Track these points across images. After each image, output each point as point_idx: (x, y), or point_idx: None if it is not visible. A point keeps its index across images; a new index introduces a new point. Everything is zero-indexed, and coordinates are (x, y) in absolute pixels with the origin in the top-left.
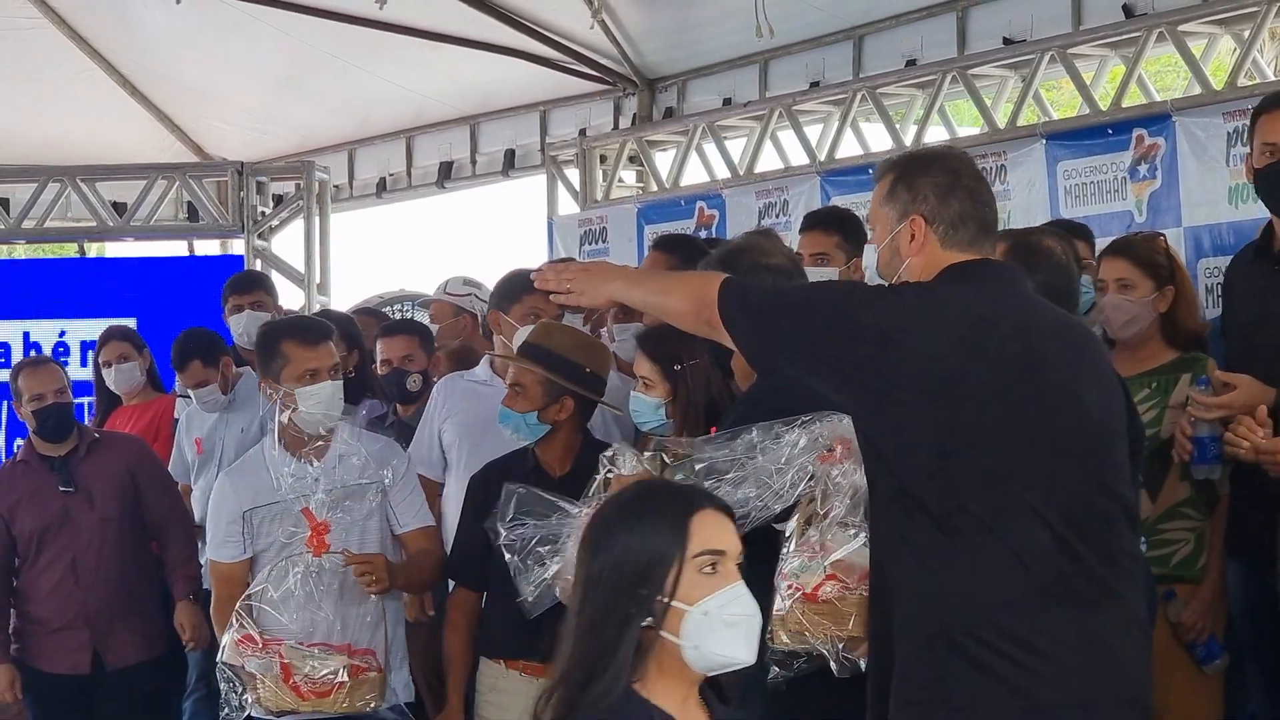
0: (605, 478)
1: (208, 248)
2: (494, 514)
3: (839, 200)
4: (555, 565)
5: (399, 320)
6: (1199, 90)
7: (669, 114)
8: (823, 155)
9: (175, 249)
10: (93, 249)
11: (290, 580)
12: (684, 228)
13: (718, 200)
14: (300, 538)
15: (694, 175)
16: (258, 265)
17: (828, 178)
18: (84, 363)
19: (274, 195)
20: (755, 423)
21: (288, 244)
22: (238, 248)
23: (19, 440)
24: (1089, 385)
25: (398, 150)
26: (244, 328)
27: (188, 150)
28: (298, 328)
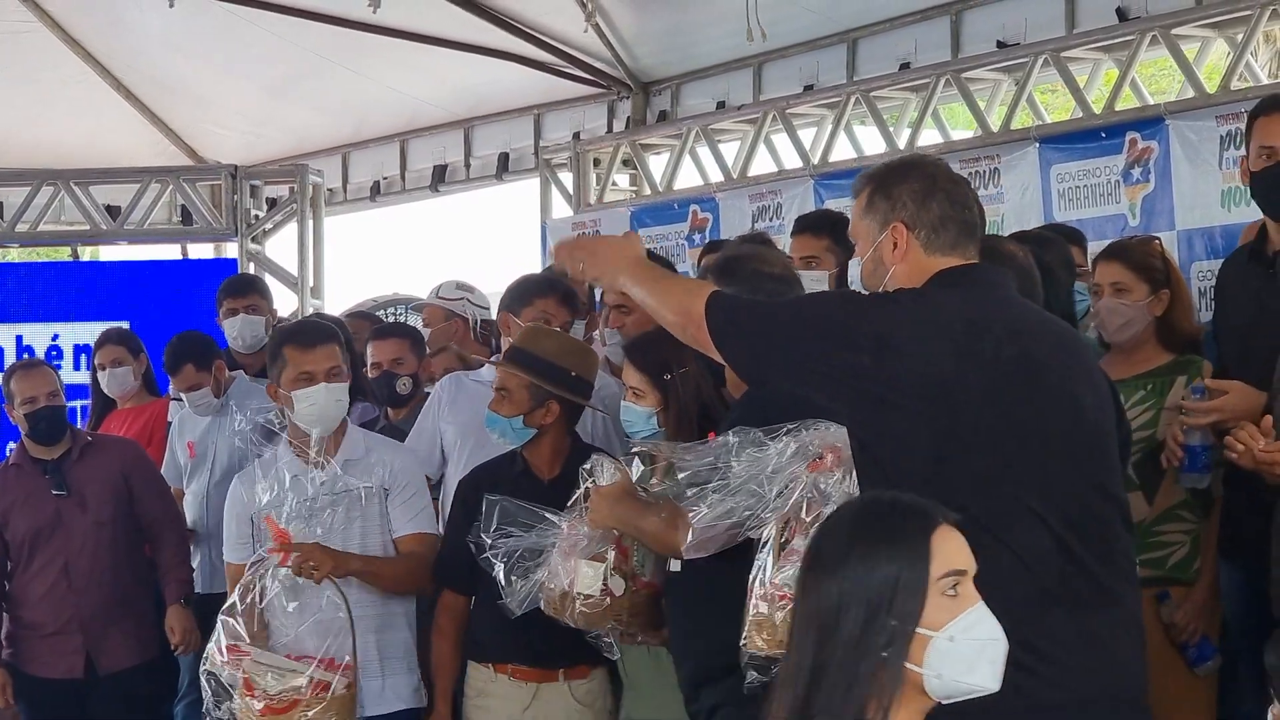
0: (586, 489)
1: (201, 251)
2: (476, 526)
3: (832, 203)
4: (540, 575)
5: (389, 324)
6: (1192, 94)
7: (663, 117)
8: (816, 158)
9: (169, 252)
10: (86, 252)
11: (272, 589)
12: (678, 231)
13: (711, 203)
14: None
15: (687, 178)
16: (251, 269)
17: (821, 181)
18: (77, 366)
19: (267, 199)
20: (751, 428)
21: (281, 247)
22: (231, 251)
23: (11, 444)
24: (1083, 387)
25: (391, 153)
26: (238, 331)
27: (181, 154)
28: (296, 332)
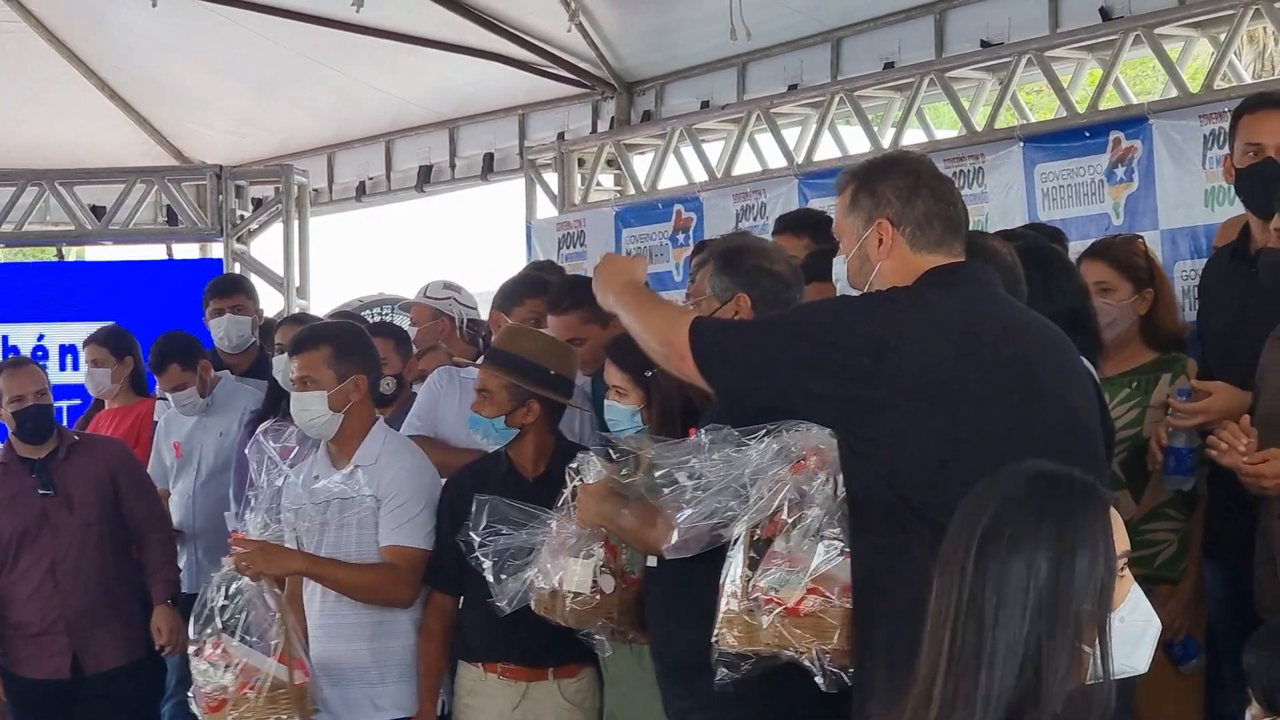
0: (574, 487)
1: (186, 251)
2: (466, 525)
3: (816, 203)
4: (530, 574)
5: (374, 323)
6: (1175, 93)
7: (647, 117)
8: (800, 158)
9: (154, 252)
10: (72, 252)
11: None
12: (662, 231)
13: (695, 203)
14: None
15: (672, 178)
16: (236, 269)
17: (805, 180)
18: (63, 366)
19: (253, 199)
20: (731, 423)
21: (267, 247)
22: (216, 251)
23: None
24: (1072, 386)
25: (377, 154)
26: (224, 331)
27: (166, 154)
28: (293, 337)
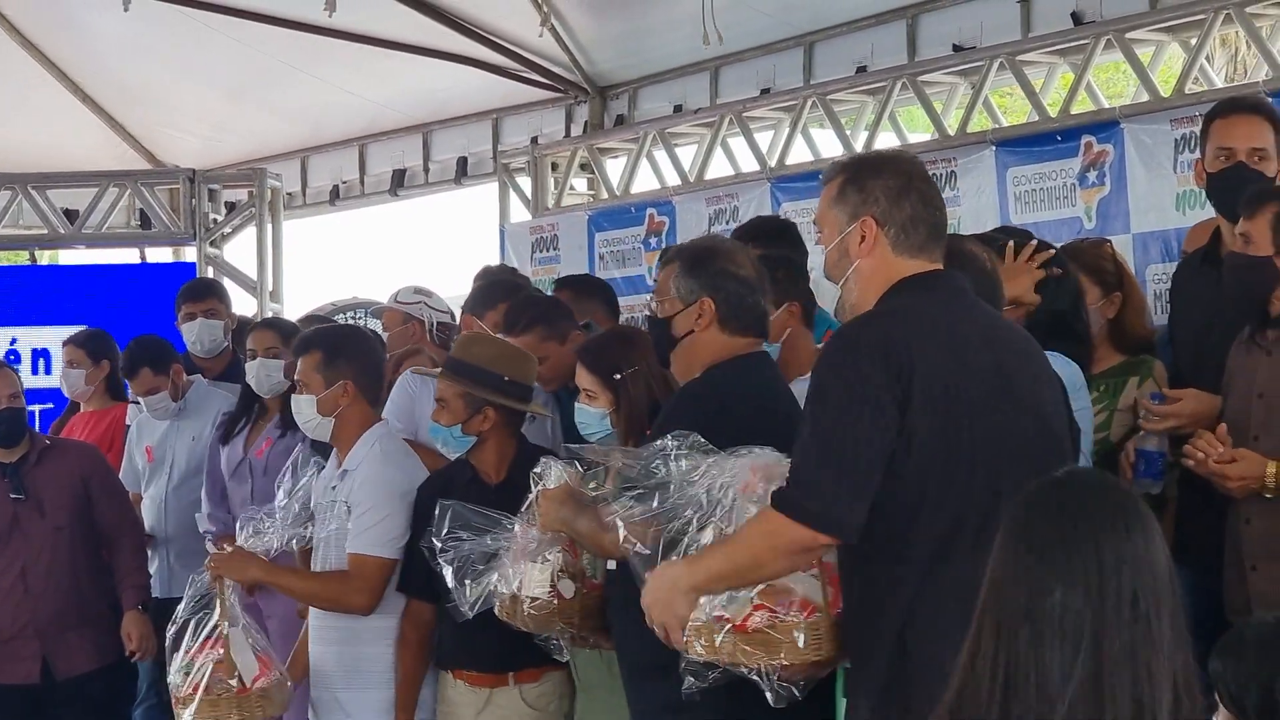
0: (537, 494)
1: (160, 255)
2: (429, 530)
3: (789, 205)
4: (492, 578)
5: None
6: (1147, 97)
7: (620, 121)
8: (773, 162)
9: (127, 256)
10: (44, 256)
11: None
12: (634, 235)
13: (668, 207)
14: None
15: (645, 182)
16: (210, 273)
17: (778, 184)
18: (35, 370)
19: (226, 202)
20: (684, 419)
21: (240, 251)
22: (190, 255)
23: None
24: (1045, 393)
25: (350, 158)
26: (197, 335)
27: (140, 157)
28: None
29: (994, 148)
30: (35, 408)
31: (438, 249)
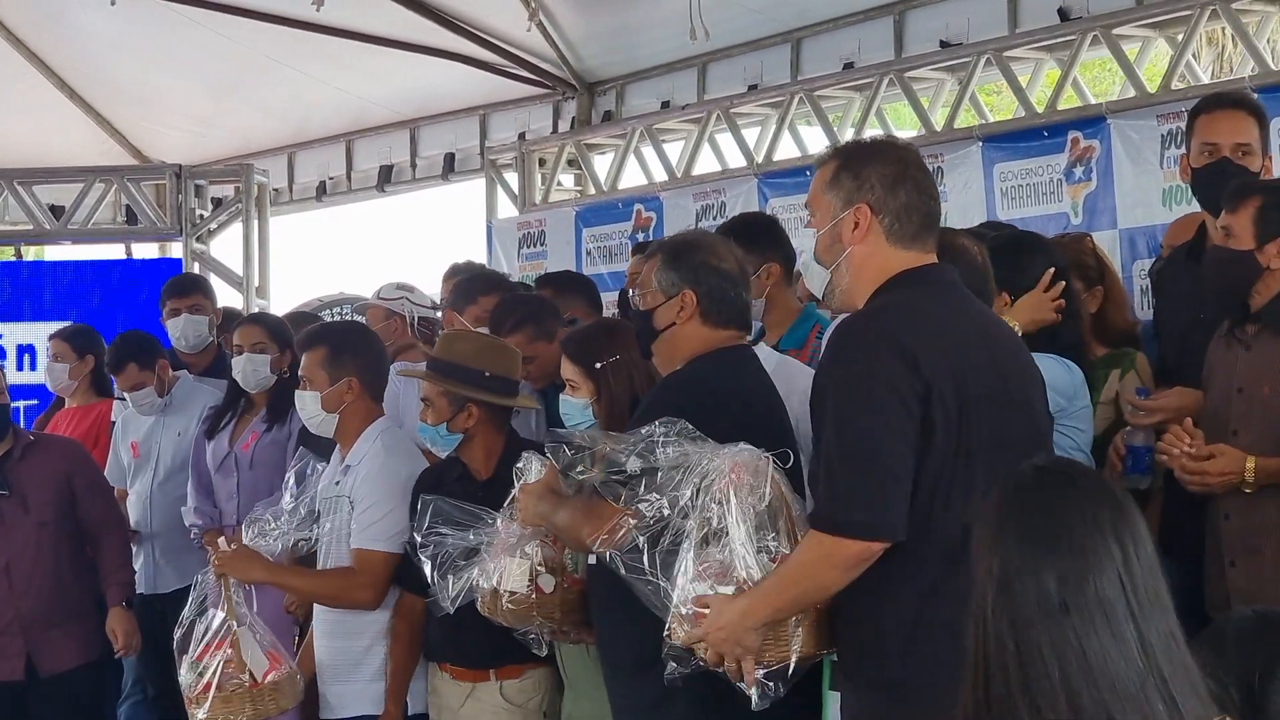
0: (518, 490)
1: (146, 251)
2: (410, 525)
3: (776, 201)
4: (473, 573)
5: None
6: (1133, 93)
7: (607, 117)
8: (760, 157)
9: (113, 252)
10: (30, 252)
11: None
12: (622, 230)
13: (655, 203)
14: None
15: (632, 178)
16: (196, 268)
17: (765, 180)
18: (20, 366)
19: (213, 198)
20: (664, 411)
21: (226, 247)
22: (176, 251)
23: None
24: (1034, 392)
25: (337, 154)
26: (181, 331)
27: (126, 153)
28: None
29: (981, 143)
30: (20, 403)
31: (425, 245)
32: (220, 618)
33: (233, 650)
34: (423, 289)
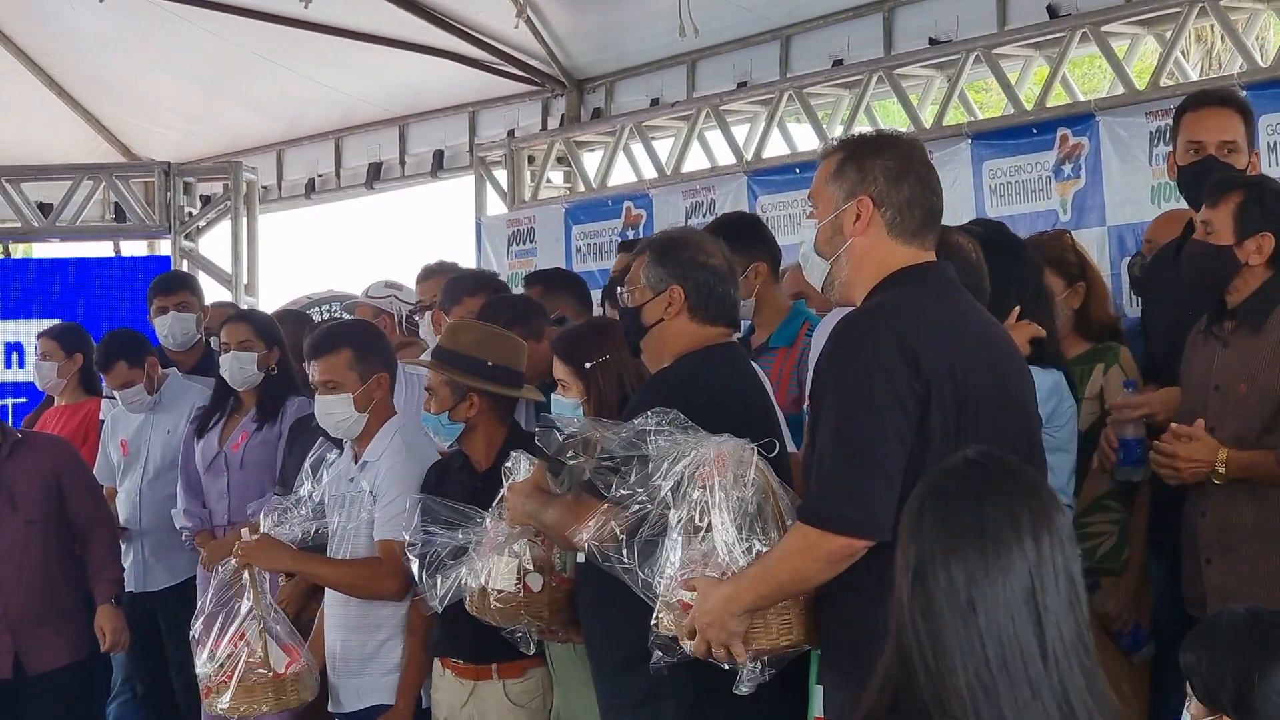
0: (506, 490)
1: (134, 248)
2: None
3: (765, 199)
4: (462, 571)
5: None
6: (1122, 90)
7: (597, 114)
8: (749, 155)
9: (102, 250)
10: (18, 250)
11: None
12: (611, 228)
13: (645, 200)
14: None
15: (621, 175)
16: (184, 266)
17: (754, 177)
18: (8, 364)
19: (201, 196)
20: (652, 407)
21: (215, 245)
22: (165, 248)
23: None
24: (1026, 391)
25: (326, 151)
26: (169, 329)
27: (114, 151)
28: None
29: (969, 141)
30: (9, 402)
31: (414, 242)
32: (246, 606)
33: (252, 641)
34: (411, 287)
